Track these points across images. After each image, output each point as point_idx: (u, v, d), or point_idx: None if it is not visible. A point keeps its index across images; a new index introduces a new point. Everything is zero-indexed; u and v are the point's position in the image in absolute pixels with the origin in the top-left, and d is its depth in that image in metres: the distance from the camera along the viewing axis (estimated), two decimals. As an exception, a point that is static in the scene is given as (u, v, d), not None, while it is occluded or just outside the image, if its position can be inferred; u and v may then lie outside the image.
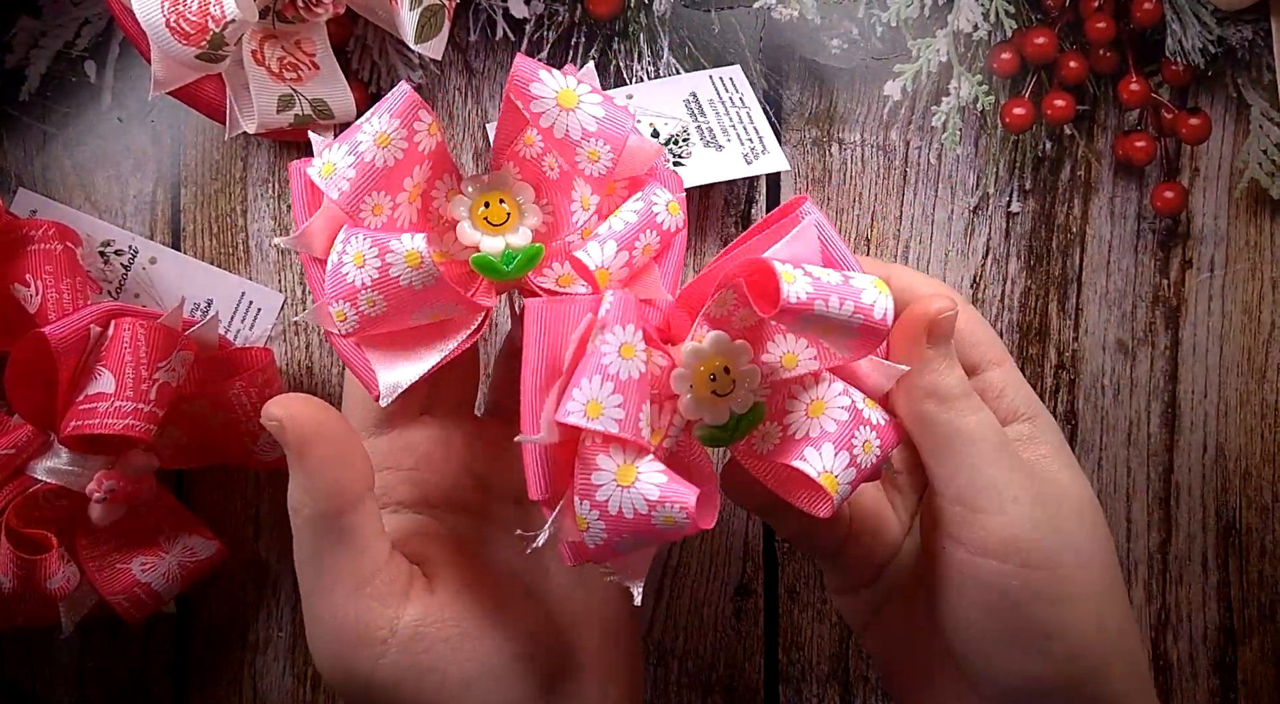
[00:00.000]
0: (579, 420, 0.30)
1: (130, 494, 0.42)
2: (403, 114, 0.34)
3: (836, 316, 0.31)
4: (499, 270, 0.35)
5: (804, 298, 0.31)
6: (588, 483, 0.31)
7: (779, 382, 0.34)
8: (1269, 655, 0.49)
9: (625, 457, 0.31)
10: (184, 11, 0.39)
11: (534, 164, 0.37)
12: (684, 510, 0.30)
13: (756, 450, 0.34)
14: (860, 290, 0.32)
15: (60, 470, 0.41)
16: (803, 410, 0.34)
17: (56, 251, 0.43)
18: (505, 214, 0.36)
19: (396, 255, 0.33)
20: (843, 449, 0.33)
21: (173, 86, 0.42)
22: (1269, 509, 0.49)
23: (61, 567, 0.41)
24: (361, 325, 0.34)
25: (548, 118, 0.34)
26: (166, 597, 0.44)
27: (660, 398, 0.33)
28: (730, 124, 0.45)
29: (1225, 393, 0.49)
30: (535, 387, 0.31)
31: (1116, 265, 0.49)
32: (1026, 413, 0.38)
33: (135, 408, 0.40)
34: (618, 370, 0.30)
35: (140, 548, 0.43)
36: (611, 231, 0.34)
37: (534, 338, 0.31)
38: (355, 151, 0.34)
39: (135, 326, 0.40)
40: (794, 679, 0.49)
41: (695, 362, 0.33)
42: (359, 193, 0.34)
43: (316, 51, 0.44)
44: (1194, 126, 0.48)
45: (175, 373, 0.41)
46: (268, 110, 0.43)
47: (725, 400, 0.33)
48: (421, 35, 0.42)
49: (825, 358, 0.33)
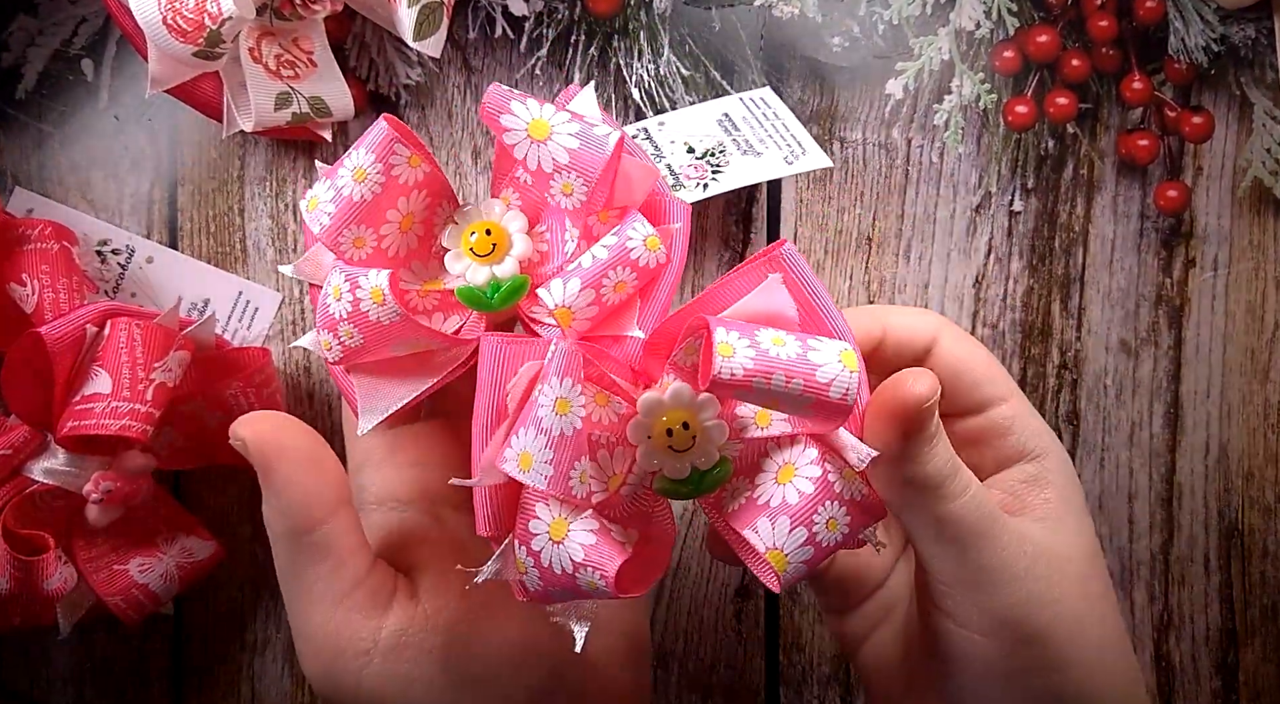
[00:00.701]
0: (513, 471, 0.29)
1: (127, 495, 0.42)
2: (379, 149, 0.33)
3: (783, 392, 0.29)
4: (483, 302, 0.34)
5: (739, 374, 0.29)
6: (525, 530, 0.30)
7: (752, 439, 0.32)
8: (1271, 657, 0.49)
9: (561, 511, 0.30)
10: (180, 8, 0.39)
11: (535, 188, 0.36)
12: (604, 578, 0.29)
13: (724, 507, 0.32)
14: (817, 367, 0.30)
15: (57, 471, 0.41)
16: (773, 473, 0.32)
17: (53, 251, 0.42)
18: (491, 245, 0.35)
19: (364, 291, 0.33)
20: (800, 525, 0.31)
21: (170, 84, 0.42)
22: (1272, 510, 0.49)
23: (59, 567, 0.41)
24: (345, 355, 0.34)
25: (520, 149, 0.33)
26: (164, 598, 0.44)
27: (622, 441, 0.32)
28: (766, 135, 0.45)
29: (1228, 393, 0.49)
30: (483, 425, 0.31)
31: (1119, 264, 0.48)
32: (1035, 450, 0.37)
33: (132, 408, 0.40)
34: (550, 425, 0.30)
35: (138, 549, 0.43)
36: (579, 269, 0.33)
37: (485, 377, 0.31)
38: (335, 186, 0.34)
39: (131, 326, 0.40)
40: (795, 681, 0.49)
41: (653, 413, 0.31)
42: (339, 227, 0.34)
43: (314, 49, 0.43)
44: (1197, 125, 0.48)
45: (172, 373, 0.41)
46: (265, 108, 0.43)
47: (685, 455, 0.31)
48: (420, 33, 0.42)
49: (798, 423, 0.32)
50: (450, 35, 0.47)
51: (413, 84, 0.47)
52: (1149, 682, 0.49)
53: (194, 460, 0.45)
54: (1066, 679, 0.35)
